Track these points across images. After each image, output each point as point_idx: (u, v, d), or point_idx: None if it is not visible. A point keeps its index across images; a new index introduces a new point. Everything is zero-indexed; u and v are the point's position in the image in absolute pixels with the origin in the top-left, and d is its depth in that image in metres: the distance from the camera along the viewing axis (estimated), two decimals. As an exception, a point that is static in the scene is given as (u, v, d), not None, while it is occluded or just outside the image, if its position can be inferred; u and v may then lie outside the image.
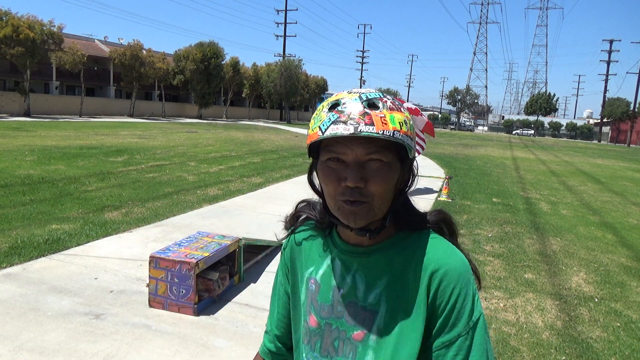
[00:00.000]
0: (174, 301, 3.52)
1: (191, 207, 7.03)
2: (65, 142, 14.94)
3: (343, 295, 0.90)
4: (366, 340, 0.86)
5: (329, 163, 0.83)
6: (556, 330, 3.68)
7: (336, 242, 0.94)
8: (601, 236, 6.97)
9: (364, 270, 0.89)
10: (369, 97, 0.81)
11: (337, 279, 0.91)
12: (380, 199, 0.83)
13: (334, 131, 0.78)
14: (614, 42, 64.09)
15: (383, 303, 0.86)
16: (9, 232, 5.22)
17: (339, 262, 0.92)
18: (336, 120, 0.79)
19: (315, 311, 0.92)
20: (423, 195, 9.54)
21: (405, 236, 0.91)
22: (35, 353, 2.87)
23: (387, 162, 0.82)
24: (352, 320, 0.88)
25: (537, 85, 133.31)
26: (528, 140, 52.94)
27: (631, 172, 19.00)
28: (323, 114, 0.82)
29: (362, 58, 77.10)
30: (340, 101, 0.81)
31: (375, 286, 0.87)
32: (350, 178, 0.80)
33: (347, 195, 0.81)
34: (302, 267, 0.98)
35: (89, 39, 42.61)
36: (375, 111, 0.80)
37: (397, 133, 0.80)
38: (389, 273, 0.87)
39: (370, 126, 0.78)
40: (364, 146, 0.80)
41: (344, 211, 0.83)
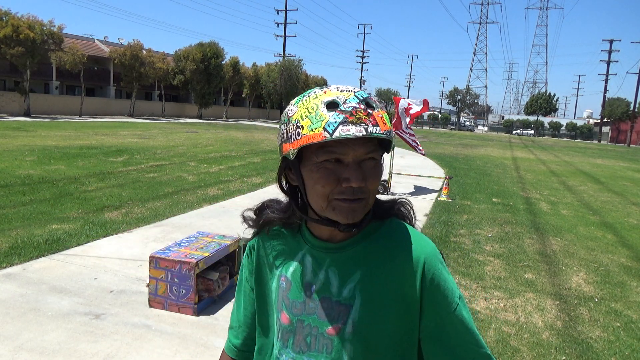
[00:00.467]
0: (174, 301, 3.53)
1: (191, 207, 7.03)
2: (65, 142, 14.94)
3: (316, 292, 0.90)
4: (342, 333, 0.87)
5: (327, 164, 0.82)
6: (556, 330, 3.68)
7: (307, 239, 0.94)
8: (601, 236, 6.97)
9: (337, 265, 0.90)
10: (364, 97, 0.82)
11: (308, 275, 0.91)
12: (373, 194, 0.86)
13: (344, 132, 0.77)
14: (614, 42, 64.09)
15: (358, 296, 0.87)
16: (9, 232, 5.22)
17: (310, 258, 0.92)
18: (344, 121, 0.78)
19: (287, 308, 0.92)
20: (423, 195, 9.55)
21: (375, 227, 0.92)
22: (35, 353, 2.87)
23: (378, 160, 0.85)
24: (325, 316, 0.88)
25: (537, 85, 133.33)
26: (528, 140, 52.94)
27: (631, 172, 19.00)
28: (323, 113, 0.79)
29: (362, 58, 77.14)
30: (339, 100, 0.80)
31: (350, 280, 0.88)
32: (354, 178, 0.80)
33: (347, 194, 0.81)
34: (272, 265, 0.98)
35: (89, 39, 42.62)
36: (374, 111, 0.81)
37: (391, 131, 0.83)
38: (363, 266, 0.88)
39: (376, 127, 0.79)
40: (364, 146, 0.81)
41: (342, 209, 0.82)
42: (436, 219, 7.31)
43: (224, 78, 44.76)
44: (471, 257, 5.40)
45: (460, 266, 5.04)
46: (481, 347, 0.88)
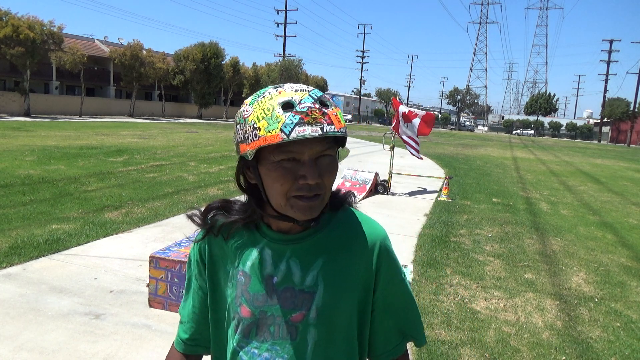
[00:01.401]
0: (174, 301, 3.52)
1: (191, 207, 7.02)
2: (65, 142, 14.94)
3: (278, 283, 0.93)
4: (306, 319, 0.92)
5: (284, 164, 0.84)
6: (556, 330, 3.68)
7: (265, 233, 0.96)
8: (601, 236, 6.97)
9: (298, 255, 0.93)
10: (318, 96, 0.84)
11: (268, 267, 0.94)
12: (329, 190, 0.90)
13: (301, 133, 0.79)
14: (614, 42, 64.09)
15: (320, 282, 0.92)
16: (9, 232, 5.22)
17: (269, 251, 0.95)
18: (300, 122, 0.80)
19: (248, 302, 0.95)
20: (423, 196, 9.55)
21: (330, 217, 0.97)
22: (35, 353, 2.87)
23: (334, 156, 0.88)
24: (289, 305, 0.92)
25: (537, 85, 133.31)
26: (528, 140, 52.94)
27: (631, 172, 19.00)
28: (279, 114, 0.81)
29: (362, 58, 77.11)
30: (294, 101, 0.82)
31: (312, 268, 0.92)
32: (310, 176, 0.83)
33: (304, 191, 0.84)
34: (228, 262, 0.99)
35: (89, 39, 42.62)
36: (329, 110, 0.83)
37: (345, 129, 0.86)
38: (324, 253, 0.93)
39: (331, 125, 0.81)
40: (320, 144, 0.84)
41: (299, 206, 0.85)
42: (436, 219, 7.31)
43: (224, 78, 44.76)
44: (471, 257, 5.40)
45: (460, 266, 5.04)
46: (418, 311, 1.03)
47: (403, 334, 1.01)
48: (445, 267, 4.97)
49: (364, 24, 77.78)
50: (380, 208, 8.03)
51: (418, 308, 1.03)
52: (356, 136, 31.36)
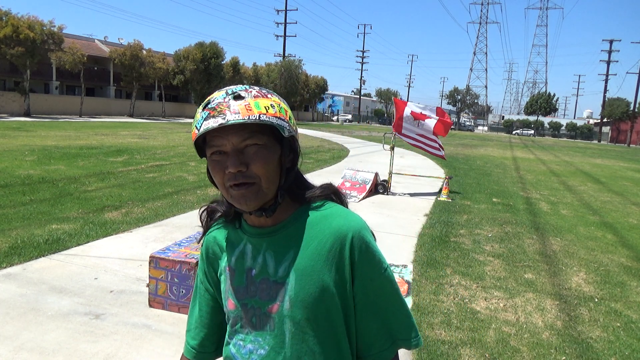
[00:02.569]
0: (174, 301, 3.53)
1: (191, 207, 7.03)
2: (65, 142, 14.94)
3: (256, 275, 0.97)
4: (281, 310, 0.94)
5: (213, 157, 0.91)
6: (556, 330, 3.68)
7: (245, 229, 1.01)
8: (601, 236, 6.97)
9: (272, 247, 0.97)
10: (235, 91, 0.90)
11: (248, 261, 0.99)
12: (266, 179, 0.91)
13: (206, 126, 0.87)
14: (614, 42, 64.08)
15: (292, 274, 0.94)
16: (9, 232, 5.22)
17: (250, 246, 1.00)
18: (207, 117, 0.88)
19: (232, 295, 1.00)
20: (423, 196, 9.55)
21: (305, 209, 0.99)
22: (35, 353, 2.87)
23: (264, 145, 0.90)
24: (266, 296, 0.96)
25: (537, 85, 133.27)
26: (528, 140, 52.94)
27: (631, 172, 19.00)
28: (198, 114, 0.90)
29: (362, 58, 77.09)
30: (211, 100, 0.90)
31: (284, 260, 0.95)
32: (231, 164, 0.88)
33: (232, 180, 0.89)
34: (220, 260, 1.05)
35: (89, 39, 42.61)
36: (240, 101, 0.88)
37: (263, 116, 0.88)
38: (295, 246, 0.95)
39: (236, 115, 0.86)
40: (237, 134, 0.88)
41: (235, 196, 0.91)
42: (436, 219, 7.31)
43: (224, 78, 44.73)
44: (471, 257, 5.40)
45: (460, 266, 5.04)
46: (407, 313, 0.99)
47: (391, 338, 0.97)
48: (445, 267, 4.97)
49: (364, 24, 77.87)
50: (380, 208, 8.03)
51: (406, 308, 0.99)
52: (356, 136, 31.36)
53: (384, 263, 0.97)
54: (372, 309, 0.96)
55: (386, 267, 0.97)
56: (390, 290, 0.97)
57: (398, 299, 0.98)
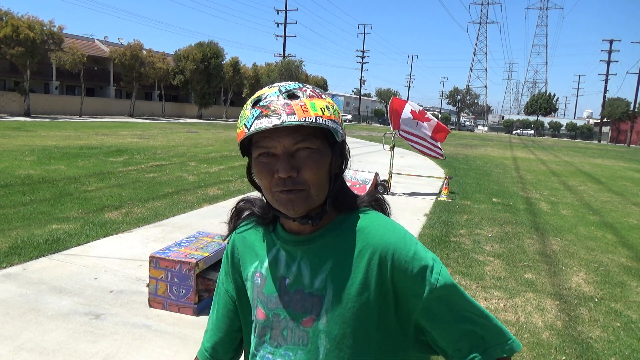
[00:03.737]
0: (174, 301, 3.53)
1: (191, 207, 7.03)
2: (65, 142, 14.94)
3: (289, 284, 0.91)
4: (316, 325, 0.88)
5: (260, 159, 0.85)
6: (556, 330, 3.68)
7: (279, 234, 0.95)
8: (601, 236, 6.97)
9: (308, 257, 0.91)
10: (288, 89, 0.84)
11: (282, 269, 0.93)
12: (316, 185, 0.85)
13: (258, 126, 0.80)
14: (614, 42, 64.06)
15: (329, 286, 0.88)
16: (9, 232, 5.22)
17: (283, 252, 0.93)
18: (259, 115, 0.81)
19: (262, 304, 0.94)
20: (423, 196, 9.55)
21: (345, 218, 0.92)
22: (35, 353, 2.87)
23: (316, 149, 0.84)
24: (300, 308, 0.89)
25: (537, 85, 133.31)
26: (528, 140, 52.93)
27: (631, 172, 19.00)
28: (247, 111, 0.84)
29: (362, 58, 77.09)
30: (262, 96, 0.84)
31: (320, 271, 0.89)
32: (282, 169, 0.82)
33: (281, 185, 0.83)
34: (247, 263, 0.99)
35: (89, 39, 42.60)
36: (295, 101, 0.82)
37: (320, 118, 0.82)
38: (333, 257, 0.89)
39: (292, 115, 0.80)
40: (290, 136, 0.82)
41: (282, 201, 0.84)
42: (436, 219, 7.31)
43: (224, 78, 44.74)
44: (471, 257, 5.40)
45: (460, 266, 5.04)
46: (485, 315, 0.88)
47: (479, 347, 0.86)
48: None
49: (364, 24, 77.84)
50: (380, 208, 8.02)
51: (482, 310, 0.88)
52: (356, 136, 31.38)
53: (434, 274, 0.85)
54: (443, 319, 0.86)
55: (438, 276, 0.85)
56: (456, 297, 0.87)
57: (470, 305, 0.88)
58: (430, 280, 0.85)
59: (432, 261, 0.86)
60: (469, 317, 0.87)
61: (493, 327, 0.88)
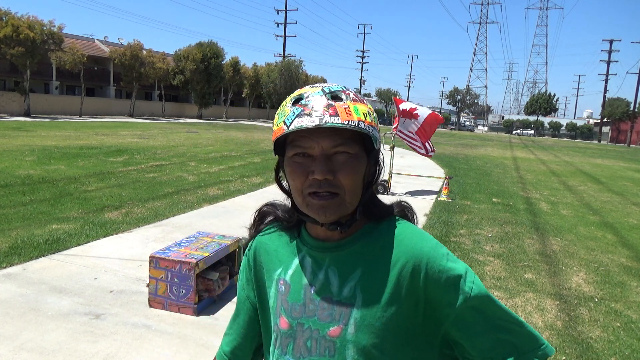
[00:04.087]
0: (174, 301, 3.53)
1: (191, 207, 7.03)
2: (65, 142, 14.94)
3: (316, 292, 0.88)
4: (344, 335, 0.84)
5: (295, 158, 0.83)
6: (556, 330, 3.68)
7: (305, 240, 0.92)
8: (601, 236, 6.97)
9: (336, 264, 0.88)
10: (332, 90, 0.82)
11: (308, 276, 0.89)
12: (351, 191, 0.83)
13: (298, 124, 0.78)
14: (614, 42, 64.11)
15: (358, 295, 0.85)
16: (9, 232, 5.22)
17: (309, 259, 0.90)
18: (300, 114, 0.79)
19: (286, 312, 0.90)
20: (423, 196, 9.55)
21: (374, 226, 0.90)
22: (35, 353, 2.87)
23: (354, 154, 0.82)
24: (326, 317, 0.86)
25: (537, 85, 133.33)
26: (528, 140, 52.94)
27: (631, 172, 19.00)
28: (287, 108, 0.82)
29: (362, 58, 77.13)
30: (304, 95, 0.82)
31: (350, 279, 0.86)
32: (318, 170, 0.79)
33: (315, 187, 0.81)
34: (270, 269, 0.95)
35: (89, 39, 42.60)
36: (338, 103, 0.80)
37: (362, 123, 0.80)
38: (362, 264, 0.86)
39: (335, 117, 0.78)
40: (330, 138, 0.80)
41: (313, 206, 0.82)
42: (436, 219, 7.31)
43: (224, 78, 44.73)
44: (471, 257, 5.40)
45: (460, 266, 5.04)
46: (518, 322, 0.86)
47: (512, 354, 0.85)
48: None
49: (364, 24, 77.93)
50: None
51: (515, 317, 0.86)
52: (356, 136, 31.31)
53: (468, 282, 0.83)
54: (475, 330, 0.84)
55: (472, 285, 0.83)
56: (490, 306, 0.85)
57: (503, 312, 0.86)
58: (464, 290, 0.83)
59: (465, 270, 0.85)
60: (502, 325, 0.85)
61: (526, 333, 0.86)
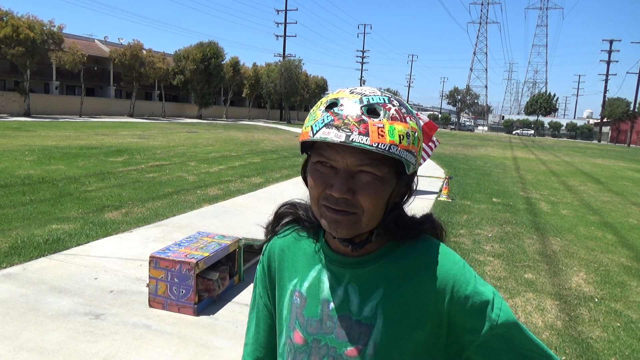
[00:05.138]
0: (174, 301, 3.52)
1: (191, 207, 7.03)
2: (65, 142, 14.94)
3: (334, 309, 0.84)
4: (362, 356, 0.81)
5: (318, 166, 0.78)
6: (556, 330, 3.68)
7: (325, 251, 0.87)
8: (601, 236, 6.97)
9: (357, 281, 0.83)
10: (371, 102, 0.75)
11: (326, 291, 0.85)
12: (369, 213, 0.77)
13: (324, 135, 0.73)
14: (614, 42, 64.14)
15: (380, 315, 0.81)
16: (9, 232, 5.22)
17: (328, 272, 0.86)
18: (329, 123, 0.73)
19: (301, 327, 0.86)
20: (423, 196, 9.55)
21: (398, 244, 0.85)
22: (35, 353, 2.87)
23: (381, 177, 0.76)
24: (344, 336, 0.82)
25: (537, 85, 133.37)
26: (528, 140, 52.93)
27: (631, 172, 19.00)
28: (319, 112, 0.76)
29: (362, 58, 77.13)
30: (339, 101, 0.76)
31: (371, 298, 0.82)
32: (337, 188, 0.75)
33: (331, 202, 0.76)
34: (286, 277, 0.91)
35: (89, 39, 42.61)
36: (374, 119, 0.73)
37: (395, 147, 0.73)
38: (385, 284, 0.82)
39: (364, 136, 0.72)
40: (356, 156, 0.74)
41: (327, 217, 0.78)
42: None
43: (224, 78, 44.75)
44: (471, 257, 5.40)
45: (460, 266, 5.04)
46: (537, 347, 0.82)
47: None
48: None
49: (364, 24, 77.90)
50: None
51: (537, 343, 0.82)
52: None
53: (495, 309, 0.79)
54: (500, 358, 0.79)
55: (499, 312, 0.79)
56: (517, 334, 0.80)
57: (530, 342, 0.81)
58: (491, 317, 0.78)
59: (493, 295, 0.80)
60: (528, 355, 0.80)
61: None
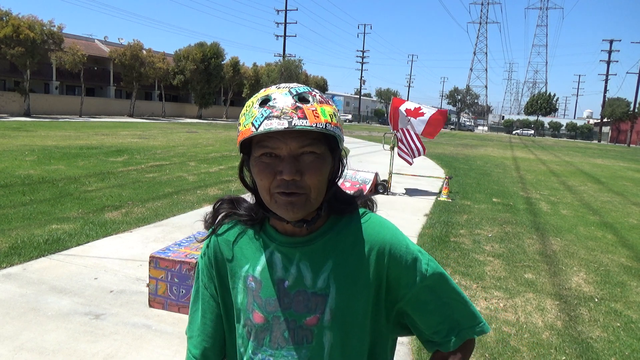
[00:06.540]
0: (174, 301, 3.53)
1: (191, 207, 7.03)
2: (65, 142, 14.94)
3: (289, 286, 0.92)
4: (321, 322, 0.90)
5: (263, 158, 0.84)
6: (556, 330, 3.68)
7: (272, 236, 0.95)
8: (601, 236, 6.97)
9: (307, 258, 0.92)
10: (299, 92, 0.84)
11: (279, 271, 0.93)
12: (317, 190, 0.86)
13: (268, 126, 0.80)
14: (614, 42, 64.09)
15: (332, 285, 0.91)
16: (9, 232, 5.22)
17: (278, 254, 0.93)
18: (269, 116, 0.80)
19: (260, 307, 0.93)
20: (423, 196, 9.55)
21: (339, 218, 0.95)
22: (35, 353, 2.87)
23: (320, 154, 0.85)
24: (303, 308, 0.91)
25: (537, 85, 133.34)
26: (528, 140, 52.94)
27: (631, 172, 19.00)
28: (254, 109, 0.83)
29: (362, 58, 77.09)
30: (271, 96, 0.83)
31: (322, 270, 0.91)
32: (286, 171, 0.82)
33: (282, 187, 0.83)
34: (234, 266, 0.97)
35: (89, 39, 42.59)
36: (306, 105, 0.82)
37: (329, 125, 0.83)
38: (333, 256, 0.92)
39: (303, 120, 0.80)
40: (297, 140, 0.82)
41: (281, 202, 0.84)
42: (436, 219, 7.31)
43: (224, 78, 44.74)
44: (471, 257, 5.40)
45: (460, 266, 5.04)
46: (464, 301, 0.96)
47: (454, 329, 0.95)
48: (445, 267, 4.96)
49: (364, 24, 77.67)
50: (380, 208, 7.99)
51: (463, 298, 0.97)
52: (356, 136, 31.36)
53: (424, 264, 0.93)
54: (427, 308, 0.94)
55: (427, 267, 0.93)
56: (442, 285, 0.95)
57: (452, 291, 0.96)
58: (421, 270, 0.93)
59: (420, 253, 0.95)
60: (450, 303, 0.95)
61: (468, 311, 0.96)
